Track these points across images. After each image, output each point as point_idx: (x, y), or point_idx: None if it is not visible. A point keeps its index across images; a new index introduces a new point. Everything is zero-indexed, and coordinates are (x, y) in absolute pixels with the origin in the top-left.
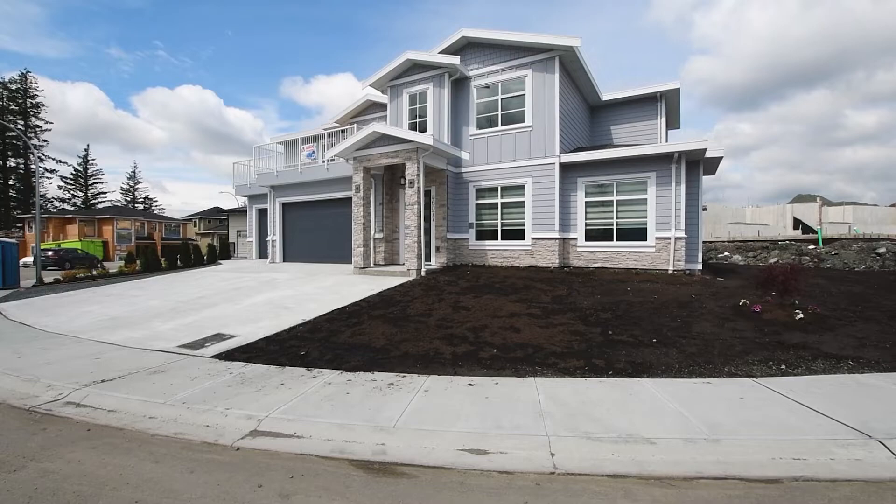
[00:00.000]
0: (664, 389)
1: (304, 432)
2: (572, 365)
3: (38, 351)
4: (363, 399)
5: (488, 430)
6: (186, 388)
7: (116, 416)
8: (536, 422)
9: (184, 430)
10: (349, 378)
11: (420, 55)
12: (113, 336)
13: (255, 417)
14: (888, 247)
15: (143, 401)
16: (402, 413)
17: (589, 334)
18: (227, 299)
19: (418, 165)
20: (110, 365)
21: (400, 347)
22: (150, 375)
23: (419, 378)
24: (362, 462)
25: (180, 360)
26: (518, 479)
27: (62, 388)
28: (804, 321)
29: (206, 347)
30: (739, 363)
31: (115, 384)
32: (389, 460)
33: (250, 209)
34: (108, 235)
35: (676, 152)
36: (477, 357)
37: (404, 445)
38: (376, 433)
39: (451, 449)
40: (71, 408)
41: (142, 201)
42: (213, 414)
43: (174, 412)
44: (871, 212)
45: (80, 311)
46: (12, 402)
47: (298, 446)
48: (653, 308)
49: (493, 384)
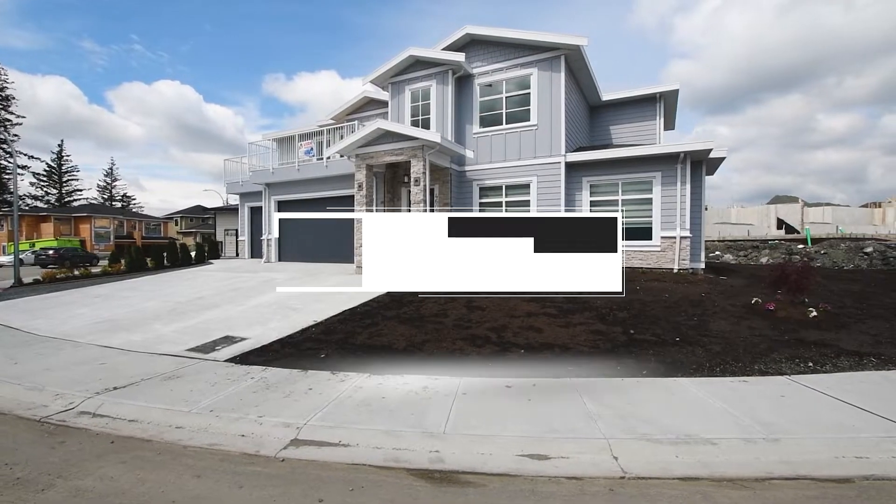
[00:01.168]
0: (703, 388)
1: (350, 440)
2: (603, 365)
3: (34, 356)
4: (401, 403)
5: (542, 434)
6: (208, 394)
7: (140, 427)
8: (589, 424)
9: (219, 441)
10: (379, 382)
11: (423, 51)
12: (113, 339)
13: (293, 425)
14: (875, 246)
15: (165, 409)
16: (448, 418)
17: (611, 333)
18: (228, 300)
19: (424, 163)
20: (119, 371)
21: (424, 349)
22: (165, 382)
23: (452, 380)
24: (421, 471)
25: (193, 365)
26: (589, 484)
27: (72, 396)
28: (817, 319)
29: (217, 351)
30: (767, 361)
31: (130, 392)
32: (449, 468)
33: (242, 207)
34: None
35: (683, 153)
36: (505, 358)
37: (460, 452)
38: (427, 439)
39: (509, 455)
40: (87, 418)
41: (120, 199)
42: (246, 422)
43: (203, 421)
44: (848, 212)
45: (71, 313)
46: (19, 412)
47: (348, 455)
48: (667, 307)
49: (530, 386)
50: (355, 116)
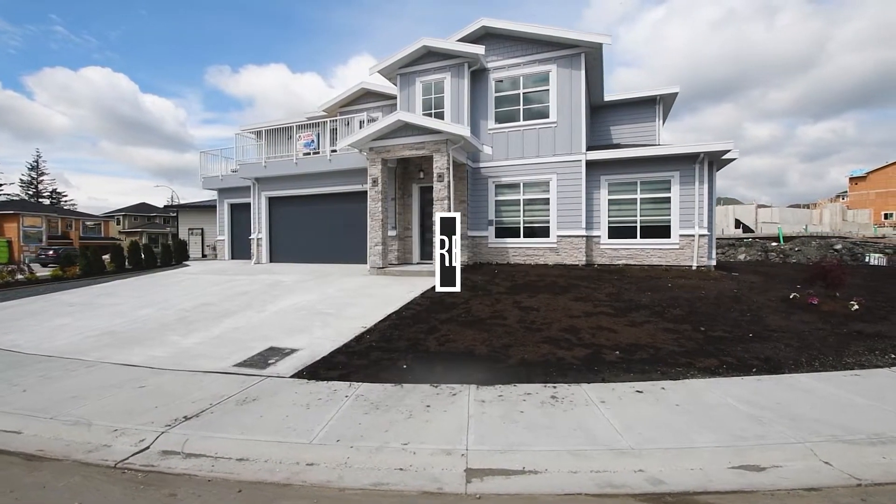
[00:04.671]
0: (825, 384)
1: (533, 465)
2: (708, 364)
3: (42, 381)
4: (545, 416)
5: (733, 443)
6: (312, 420)
7: (258, 467)
8: (766, 427)
9: (382, 480)
10: (499, 393)
11: (438, 42)
12: (129, 356)
13: (455, 452)
14: (843, 243)
15: (276, 442)
16: (619, 429)
17: (684, 332)
18: (243, 306)
19: (448, 158)
20: (170, 395)
21: (509, 354)
22: (241, 406)
23: (575, 388)
24: (648, 495)
25: (257, 384)
26: (833, 494)
27: (136, 431)
28: (859, 312)
29: (273, 365)
30: (851, 354)
31: (207, 421)
32: (675, 489)
33: (221, 204)
34: (12, 234)
35: (702, 153)
36: (605, 361)
37: (668, 469)
38: (619, 457)
39: (720, 468)
40: (177, 459)
41: (48, 195)
42: (393, 452)
43: (337, 454)
44: (792, 213)
45: (51, 324)
46: (79, 456)
47: (548, 484)
48: (711, 303)
49: (660, 389)
50: (349, 109)
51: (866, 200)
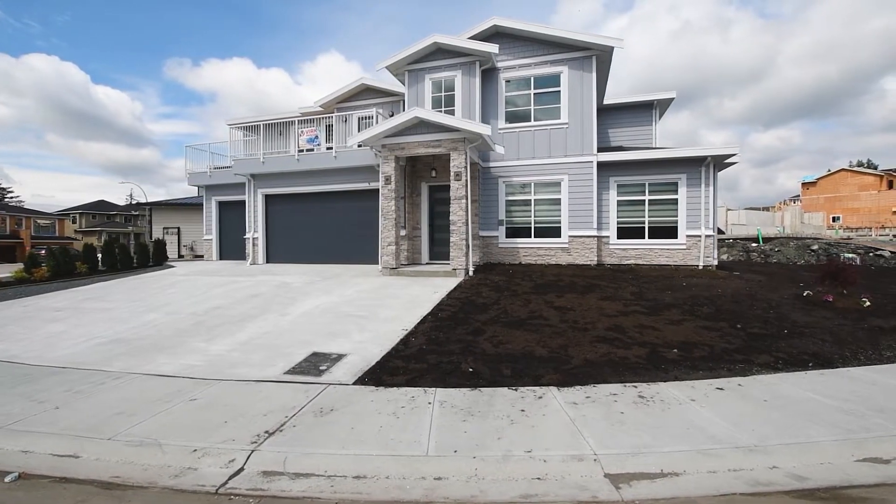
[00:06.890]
0: (883, 377)
1: (671, 467)
2: (764, 360)
3: (71, 396)
4: (648, 416)
5: (846, 436)
6: (410, 430)
7: (387, 485)
8: (865, 420)
9: (528, 491)
10: (585, 395)
11: (449, 39)
12: (156, 366)
13: (587, 457)
14: (819, 244)
15: (390, 456)
16: (730, 427)
17: (722, 329)
18: (260, 309)
19: (466, 156)
20: (232, 409)
21: (570, 354)
22: (321, 418)
23: (656, 387)
24: (800, 492)
25: (324, 392)
26: None
27: (219, 451)
28: (871, 308)
29: (328, 372)
30: (886, 347)
31: (294, 436)
32: (821, 484)
33: (209, 202)
34: None
35: (709, 156)
36: (667, 359)
37: (800, 465)
38: (751, 455)
39: (847, 461)
40: (287, 480)
41: None
42: (520, 461)
43: (463, 466)
44: (757, 215)
45: (45, 331)
46: (165, 482)
47: (696, 486)
48: (732, 301)
49: (737, 386)
50: (347, 105)
51: (817, 204)
